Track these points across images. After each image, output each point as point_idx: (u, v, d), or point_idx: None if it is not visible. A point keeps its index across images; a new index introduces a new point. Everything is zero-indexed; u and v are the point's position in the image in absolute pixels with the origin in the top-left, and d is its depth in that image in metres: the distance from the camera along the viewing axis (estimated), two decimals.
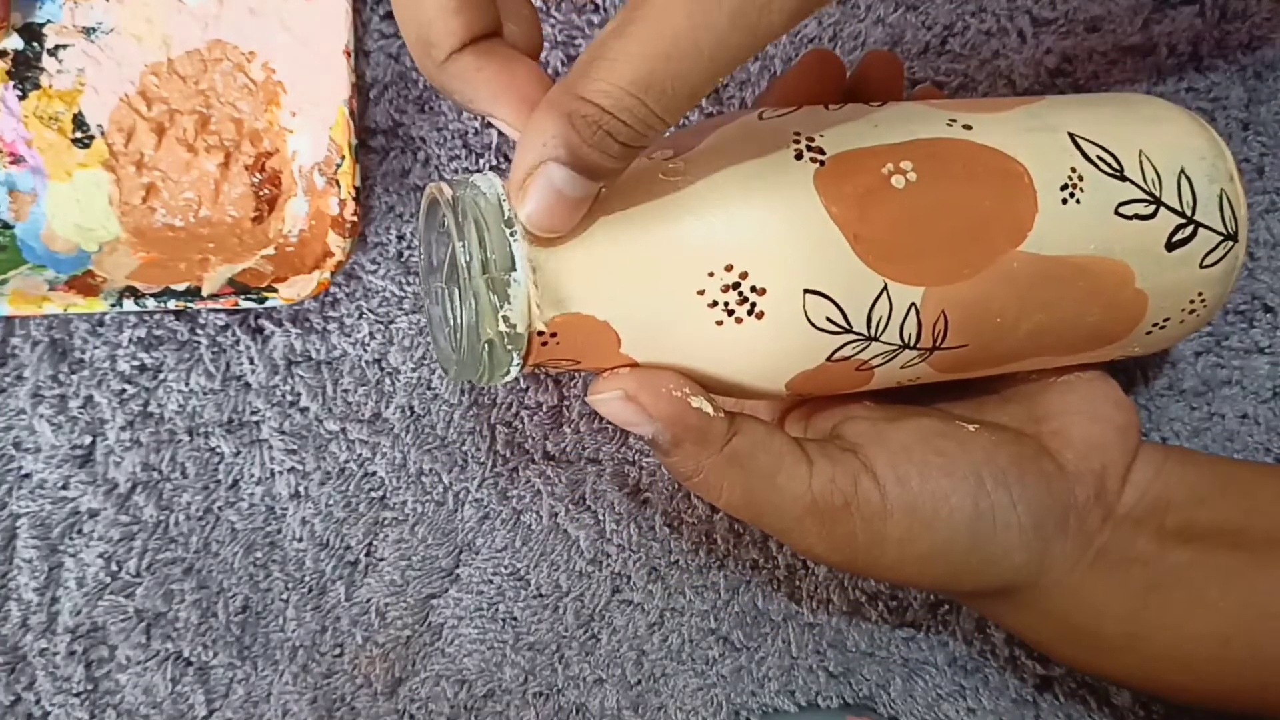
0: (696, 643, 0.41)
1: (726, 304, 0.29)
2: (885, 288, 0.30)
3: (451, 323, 0.30)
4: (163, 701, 0.39)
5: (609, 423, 0.40)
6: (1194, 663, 0.34)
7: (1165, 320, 0.34)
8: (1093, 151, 0.32)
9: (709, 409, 0.29)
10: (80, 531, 0.39)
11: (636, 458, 0.41)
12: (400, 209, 0.41)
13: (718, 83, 0.24)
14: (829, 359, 0.30)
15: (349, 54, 0.39)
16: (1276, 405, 0.42)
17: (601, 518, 0.40)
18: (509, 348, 0.28)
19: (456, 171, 0.41)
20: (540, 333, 0.28)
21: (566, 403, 0.40)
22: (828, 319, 0.29)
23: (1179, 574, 0.33)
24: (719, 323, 0.29)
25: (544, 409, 0.40)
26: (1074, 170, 0.32)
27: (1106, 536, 0.33)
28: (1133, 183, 0.32)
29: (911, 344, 0.31)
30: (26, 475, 0.39)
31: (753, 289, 0.29)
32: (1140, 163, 0.32)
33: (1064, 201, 0.31)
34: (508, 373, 0.28)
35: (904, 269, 0.30)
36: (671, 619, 0.40)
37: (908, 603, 0.41)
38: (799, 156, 0.29)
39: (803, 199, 0.29)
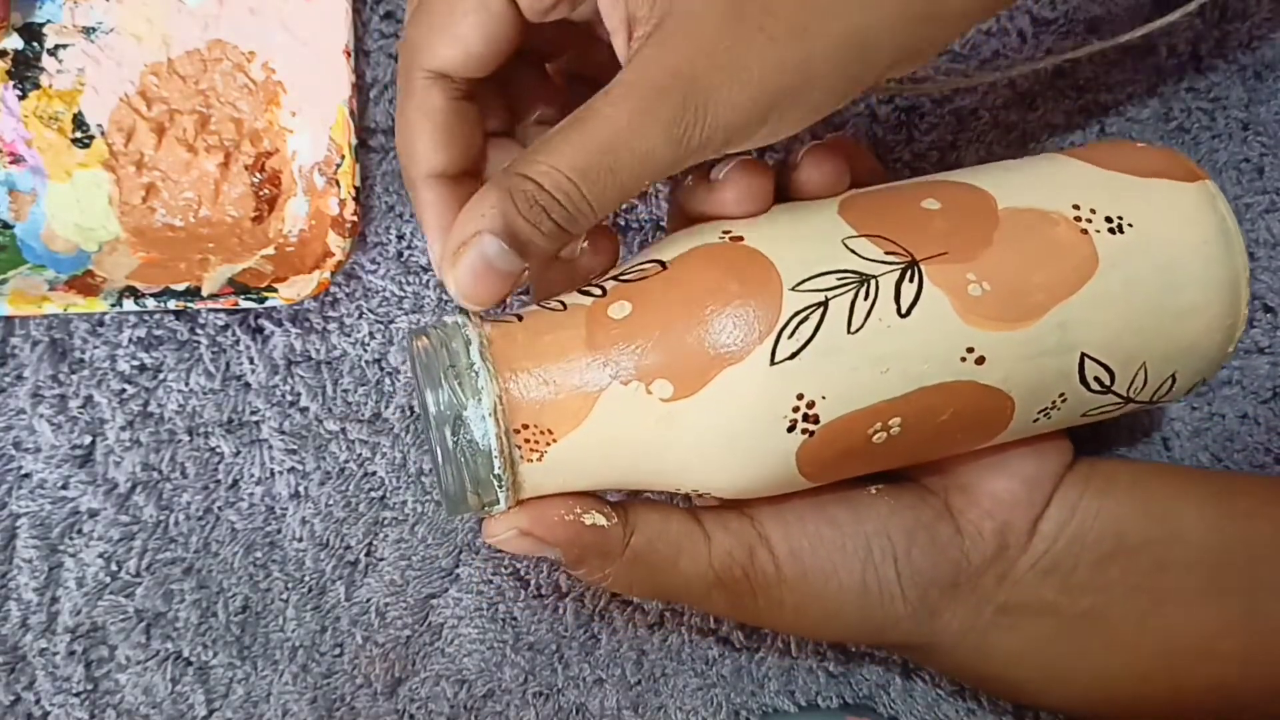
0: (696, 643, 0.41)
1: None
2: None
3: (438, 475, 0.30)
4: (163, 701, 0.39)
5: None
6: (1116, 698, 0.35)
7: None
8: (1092, 372, 0.30)
9: (602, 520, 0.31)
10: (80, 531, 0.39)
11: None
12: (400, 209, 0.41)
13: (645, 185, 0.28)
14: None
15: (349, 54, 0.39)
16: (1276, 405, 0.42)
17: None
18: (490, 507, 0.30)
19: None
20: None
21: None
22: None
23: (1093, 617, 0.34)
24: None
25: None
26: (1061, 395, 0.30)
27: (1006, 594, 0.34)
28: (1115, 393, 0.31)
29: None
30: (26, 475, 0.39)
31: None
32: (1135, 374, 0.31)
33: (1035, 420, 0.31)
34: (498, 503, 0.30)
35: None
36: (671, 619, 0.40)
37: None
38: (791, 428, 0.29)
39: (782, 471, 0.30)
